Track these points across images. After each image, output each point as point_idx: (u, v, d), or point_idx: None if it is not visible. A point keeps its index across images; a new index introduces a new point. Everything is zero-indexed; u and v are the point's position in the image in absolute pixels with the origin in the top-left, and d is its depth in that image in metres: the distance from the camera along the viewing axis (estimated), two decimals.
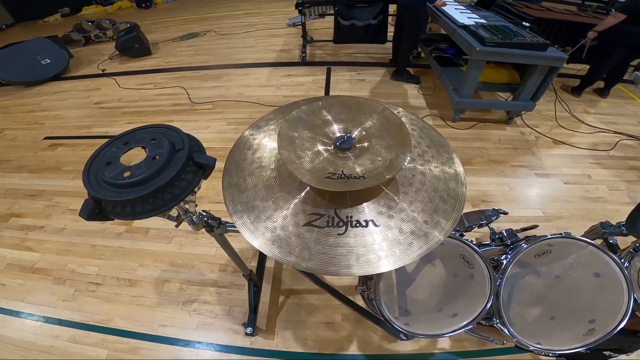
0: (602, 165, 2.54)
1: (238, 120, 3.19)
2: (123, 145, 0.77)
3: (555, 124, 2.95)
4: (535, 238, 1.00)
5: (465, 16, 2.88)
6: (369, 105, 0.80)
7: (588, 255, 0.98)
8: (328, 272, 0.62)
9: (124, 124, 3.36)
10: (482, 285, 0.97)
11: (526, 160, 2.60)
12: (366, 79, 3.77)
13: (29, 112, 3.83)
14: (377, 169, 0.67)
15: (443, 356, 1.58)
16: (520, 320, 1.01)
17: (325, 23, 5.23)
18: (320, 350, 1.62)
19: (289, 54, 4.51)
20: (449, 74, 3.14)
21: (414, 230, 0.67)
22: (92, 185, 0.70)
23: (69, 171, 2.80)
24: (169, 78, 4.16)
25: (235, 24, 5.81)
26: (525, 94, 2.68)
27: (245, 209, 0.72)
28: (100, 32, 5.62)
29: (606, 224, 1.11)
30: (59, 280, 1.98)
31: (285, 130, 0.72)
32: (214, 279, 1.92)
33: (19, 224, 2.36)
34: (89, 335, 1.73)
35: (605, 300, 0.91)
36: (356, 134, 0.76)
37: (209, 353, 1.64)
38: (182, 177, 0.73)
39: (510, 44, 2.39)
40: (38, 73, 4.38)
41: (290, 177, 0.75)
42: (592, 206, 2.23)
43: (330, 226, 0.67)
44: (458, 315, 0.98)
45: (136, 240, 2.17)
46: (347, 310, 1.72)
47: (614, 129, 2.87)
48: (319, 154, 0.71)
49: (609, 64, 3.06)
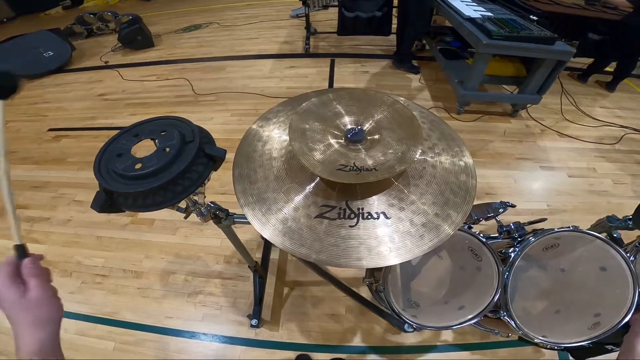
0: (607, 159, 2.53)
1: (241, 112, 3.19)
2: (133, 137, 0.77)
3: (561, 117, 2.93)
4: (543, 231, 1.00)
5: (472, 9, 2.84)
6: (380, 97, 0.80)
7: (595, 249, 0.98)
8: (339, 264, 0.62)
9: (127, 116, 3.36)
10: (489, 278, 0.97)
11: (531, 153, 2.59)
12: (370, 71, 3.75)
13: (33, 104, 3.83)
14: (388, 162, 0.66)
15: (446, 348, 1.60)
16: (525, 313, 1.01)
17: (329, 14, 5.18)
18: (325, 342, 1.64)
19: (293, 45, 4.47)
20: (454, 66, 3.12)
21: (425, 222, 0.67)
22: (103, 177, 0.70)
23: (74, 162, 2.81)
24: (172, 70, 4.14)
25: (237, 16, 5.76)
26: (531, 87, 2.66)
27: (257, 201, 0.72)
28: (103, 25, 5.58)
29: (613, 217, 1.11)
30: (66, 272, 2.00)
31: (296, 122, 0.72)
32: (219, 270, 1.93)
33: (24, 216, 2.37)
34: (96, 328, 1.75)
35: (611, 294, 0.91)
36: (367, 126, 0.76)
37: (214, 345, 1.66)
38: (193, 168, 0.73)
39: (517, 37, 2.36)
40: (41, 65, 4.36)
41: (301, 169, 0.75)
42: (597, 200, 2.23)
43: (342, 218, 0.68)
44: (465, 308, 0.99)
45: (141, 231, 2.18)
46: (351, 302, 1.74)
47: (619, 123, 2.85)
48: (330, 146, 0.71)
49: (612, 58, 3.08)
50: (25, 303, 0.47)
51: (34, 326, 0.47)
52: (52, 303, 0.50)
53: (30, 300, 0.48)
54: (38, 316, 0.48)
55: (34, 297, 0.48)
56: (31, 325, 0.47)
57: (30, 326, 0.47)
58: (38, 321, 0.47)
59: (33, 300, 0.48)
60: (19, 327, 0.47)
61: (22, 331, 0.47)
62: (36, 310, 0.48)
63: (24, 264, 0.51)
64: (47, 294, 0.50)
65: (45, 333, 0.47)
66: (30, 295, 0.48)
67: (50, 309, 0.49)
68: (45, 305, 0.49)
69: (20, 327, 0.47)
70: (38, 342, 0.46)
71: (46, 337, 0.47)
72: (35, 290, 0.49)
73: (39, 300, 0.48)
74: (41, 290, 0.49)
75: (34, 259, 0.52)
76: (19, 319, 0.47)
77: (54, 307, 0.50)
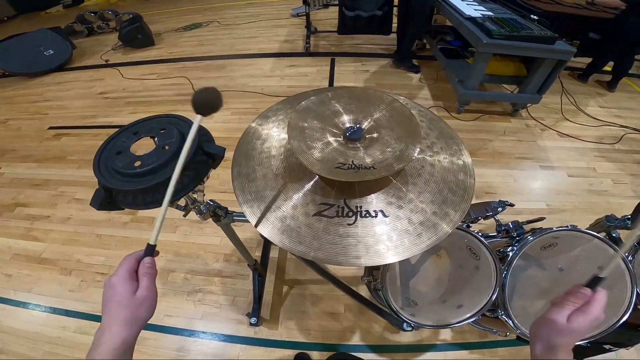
0: (607, 159, 2.53)
1: (242, 110, 3.19)
2: (133, 135, 0.77)
3: (561, 116, 2.93)
4: (541, 230, 1.00)
5: (472, 8, 2.84)
6: (379, 96, 0.80)
7: (593, 249, 0.98)
8: (337, 262, 0.62)
9: (128, 114, 3.37)
10: (487, 277, 0.98)
11: (531, 152, 2.59)
12: (370, 70, 3.75)
13: (33, 102, 3.84)
14: (386, 160, 0.67)
15: (445, 347, 1.60)
16: (523, 312, 1.01)
17: (329, 13, 5.18)
18: (324, 340, 1.64)
19: (293, 44, 4.47)
20: (455, 65, 3.12)
21: (423, 221, 0.67)
22: (102, 174, 0.70)
23: (74, 160, 2.81)
24: (172, 68, 4.15)
25: (238, 14, 5.77)
26: (531, 86, 2.66)
27: (255, 199, 0.72)
28: (103, 23, 5.59)
29: (611, 217, 1.11)
30: (66, 270, 2.00)
31: (295, 121, 0.72)
32: (218, 268, 1.94)
33: (24, 214, 2.38)
34: (95, 326, 1.73)
35: (609, 294, 0.91)
36: (366, 124, 0.76)
37: (213, 343, 1.67)
38: (192, 166, 0.73)
39: (518, 36, 2.36)
40: (41, 64, 4.38)
41: (300, 167, 0.75)
42: (596, 199, 2.23)
43: (340, 216, 0.68)
44: (463, 307, 0.99)
45: (142, 229, 2.19)
46: (350, 300, 1.74)
47: (619, 123, 2.85)
48: (329, 145, 0.71)
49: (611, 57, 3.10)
50: (132, 301, 0.49)
51: (126, 324, 0.48)
52: (151, 305, 0.51)
53: (136, 298, 0.49)
54: (134, 315, 0.49)
55: (141, 296, 0.50)
56: (125, 323, 0.48)
57: (123, 323, 0.48)
58: (132, 320, 0.49)
59: (139, 299, 0.50)
60: (112, 320, 0.48)
61: (113, 325, 0.47)
62: (135, 309, 0.49)
63: (143, 262, 0.53)
64: (151, 296, 0.51)
65: (132, 332, 0.48)
66: (139, 294, 0.50)
67: (147, 311, 0.51)
68: (145, 306, 0.50)
69: (113, 320, 0.48)
70: (123, 339, 0.47)
71: (131, 335, 0.48)
72: (144, 290, 0.50)
73: (144, 300, 0.50)
74: (148, 292, 0.51)
75: (152, 260, 0.54)
76: (118, 313, 0.48)
77: (150, 309, 0.51)
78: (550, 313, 0.53)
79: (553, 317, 0.52)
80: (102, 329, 0.48)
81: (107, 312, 0.49)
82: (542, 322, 0.54)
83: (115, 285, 0.50)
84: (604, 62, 3.25)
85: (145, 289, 0.51)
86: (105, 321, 0.48)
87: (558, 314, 0.51)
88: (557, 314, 0.51)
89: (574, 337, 0.51)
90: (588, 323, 0.50)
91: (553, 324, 0.51)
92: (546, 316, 0.53)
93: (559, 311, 0.52)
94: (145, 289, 0.50)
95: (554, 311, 0.52)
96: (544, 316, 0.54)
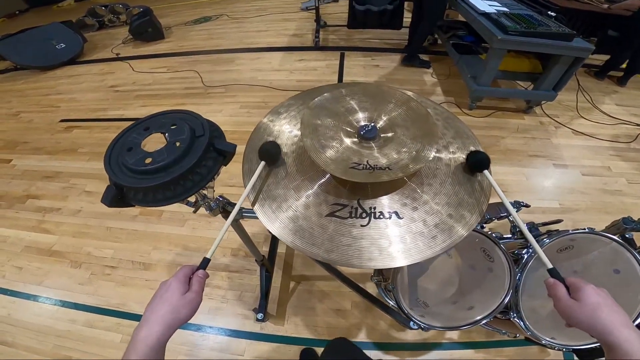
0: (622, 158, 2.47)
1: (251, 104, 3.18)
2: (144, 131, 0.76)
3: (576, 114, 2.87)
4: (557, 233, 0.98)
5: (487, 3, 2.79)
6: (394, 94, 0.78)
7: (609, 252, 0.96)
8: (351, 264, 0.61)
9: (138, 107, 3.38)
10: (501, 279, 0.96)
11: (544, 150, 2.54)
12: (380, 65, 3.70)
13: (45, 95, 3.87)
14: (402, 160, 0.65)
15: (451, 346, 1.59)
16: (534, 313, 0.99)
17: (339, 7, 5.13)
18: (330, 337, 1.64)
19: (302, 38, 4.44)
20: (467, 61, 3.06)
21: (438, 223, 0.65)
22: (114, 171, 0.70)
23: (85, 153, 2.84)
24: (182, 62, 4.15)
25: (247, 8, 5.73)
26: (547, 83, 2.60)
27: (266, 197, 0.71)
28: (114, 17, 5.62)
29: (628, 219, 1.08)
30: (76, 263, 2.03)
31: (308, 118, 0.70)
32: (225, 263, 1.94)
33: (35, 206, 2.41)
34: (104, 320, 1.76)
35: (623, 297, 0.89)
36: (381, 123, 0.74)
37: (219, 338, 1.67)
38: (203, 163, 0.72)
39: (534, 33, 2.30)
40: (53, 57, 4.41)
41: (312, 166, 0.73)
42: (610, 199, 2.18)
43: (353, 217, 0.66)
44: (475, 308, 0.98)
45: (150, 223, 2.20)
46: (357, 297, 1.73)
47: (636, 121, 2.78)
48: (342, 143, 0.70)
49: (628, 55, 3.03)
50: (179, 301, 0.53)
51: (165, 323, 0.51)
52: (194, 307, 0.55)
53: (183, 299, 0.54)
54: (176, 315, 0.52)
55: (188, 297, 0.54)
56: (164, 321, 0.51)
57: (163, 321, 0.51)
58: (172, 320, 0.52)
59: (186, 299, 0.54)
60: (154, 316, 0.51)
61: (154, 321, 0.51)
62: (179, 308, 0.53)
63: (197, 272, 0.59)
64: (196, 299, 0.55)
65: (169, 331, 0.51)
66: (187, 295, 0.54)
67: (187, 314, 0.54)
68: (188, 309, 0.54)
69: (156, 317, 0.51)
70: (158, 337, 0.50)
71: (167, 334, 0.51)
72: (192, 293, 0.55)
73: (189, 302, 0.54)
74: (195, 295, 0.55)
75: (205, 272, 0.60)
76: (162, 310, 0.52)
77: (192, 310, 0.55)
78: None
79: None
80: (141, 324, 0.51)
81: (150, 308, 0.53)
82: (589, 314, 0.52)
83: (170, 284, 0.55)
84: (622, 59, 3.17)
85: (194, 292, 0.55)
86: (148, 316, 0.52)
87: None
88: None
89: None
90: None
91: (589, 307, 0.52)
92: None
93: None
94: (194, 292, 0.55)
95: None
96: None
